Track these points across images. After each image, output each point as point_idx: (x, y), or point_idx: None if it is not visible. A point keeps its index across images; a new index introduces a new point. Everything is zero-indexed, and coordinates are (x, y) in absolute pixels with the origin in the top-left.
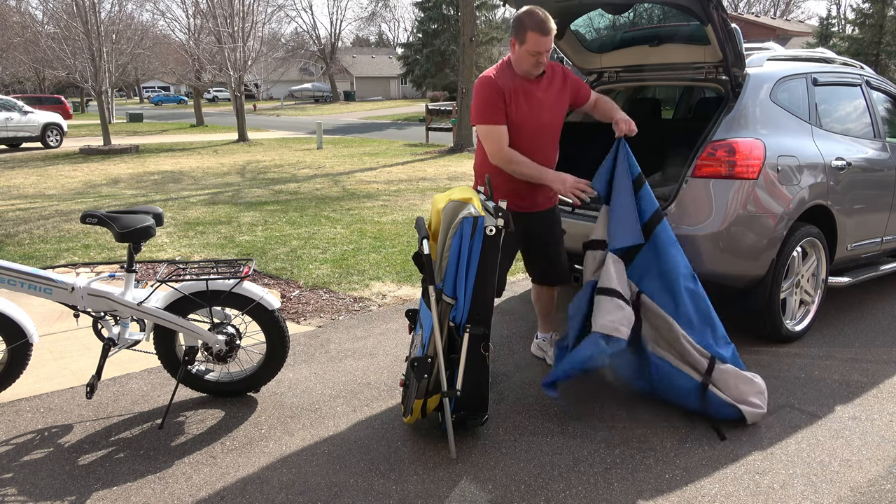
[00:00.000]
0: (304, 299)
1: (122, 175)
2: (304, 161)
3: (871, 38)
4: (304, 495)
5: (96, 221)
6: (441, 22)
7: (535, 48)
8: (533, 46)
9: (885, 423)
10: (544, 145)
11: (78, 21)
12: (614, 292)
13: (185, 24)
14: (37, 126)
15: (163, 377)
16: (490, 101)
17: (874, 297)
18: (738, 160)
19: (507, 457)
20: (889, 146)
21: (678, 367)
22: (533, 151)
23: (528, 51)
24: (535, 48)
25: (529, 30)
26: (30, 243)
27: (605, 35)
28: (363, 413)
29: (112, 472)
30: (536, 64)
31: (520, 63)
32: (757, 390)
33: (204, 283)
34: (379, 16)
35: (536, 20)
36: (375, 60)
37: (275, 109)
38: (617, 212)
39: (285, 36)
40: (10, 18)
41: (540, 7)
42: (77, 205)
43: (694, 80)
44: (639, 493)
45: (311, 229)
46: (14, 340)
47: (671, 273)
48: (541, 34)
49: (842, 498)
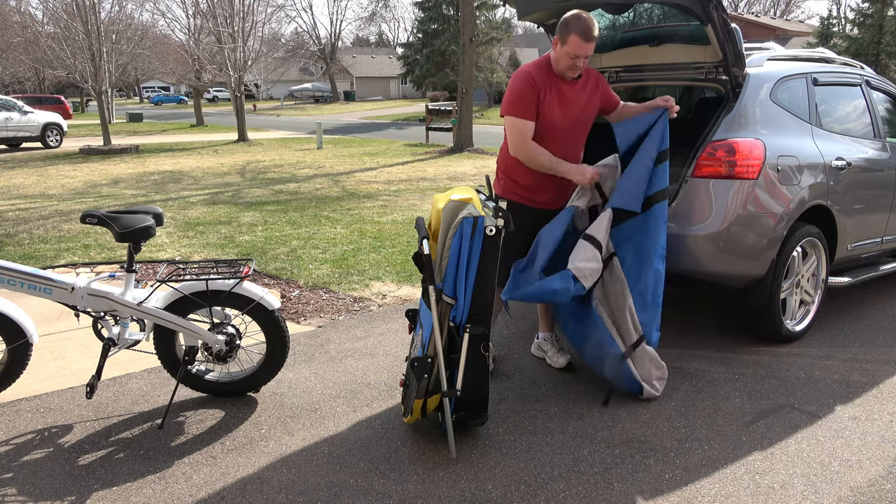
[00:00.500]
0: (304, 299)
1: (122, 175)
2: (304, 161)
3: (871, 38)
4: (304, 495)
5: (96, 221)
6: (441, 22)
7: (574, 51)
8: (573, 49)
9: (885, 423)
10: (571, 144)
11: (78, 21)
12: (597, 244)
13: (185, 24)
14: (37, 126)
15: (163, 377)
16: (523, 95)
17: (874, 297)
18: (738, 160)
19: (507, 457)
20: (889, 146)
21: (610, 333)
22: (560, 149)
23: (568, 53)
24: (575, 51)
25: (573, 32)
26: (30, 243)
27: (605, 35)
28: (363, 413)
29: (112, 472)
30: (573, 67)
31: (558, 62)
32: (661, 376)
33: (204, 283)
34: (379, 16)
35: (582, 25)
36: (375, 60)
37: (275, 109)
38: (630, 175)
39: (285, 36)
40: (10, 18)
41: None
42: (77, 205)
43: (694, 80)
44: (639, 493)
45: (311, 229)
46: (14, 340)
47: (648, 249)
48: (583, 39)
49: (842, 498)
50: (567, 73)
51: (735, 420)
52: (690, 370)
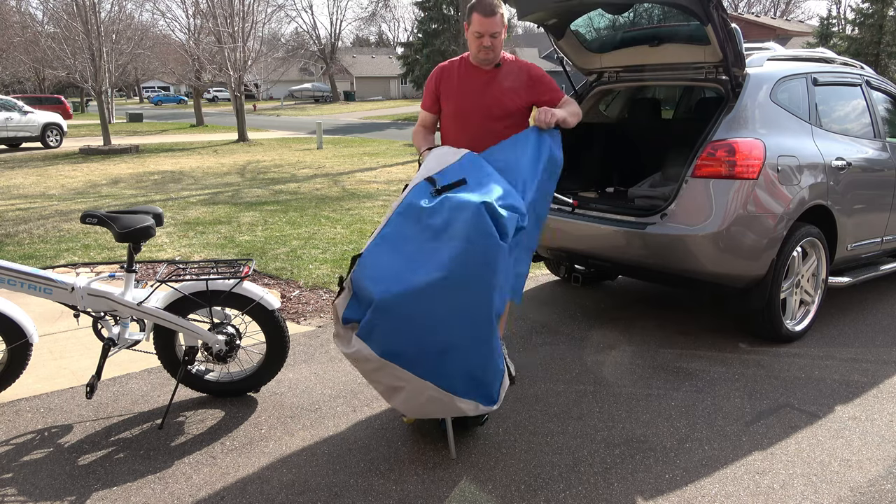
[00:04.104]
0: (304, 299)
1: (122, 175)
2: (304, 161)
3: (871, 38)
4: (304, 495)
5: (96, 221)
6: (441, 22)
7: (477, 28)
8: (476, 27)
9: (885, 423)
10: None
11: (78, 21)
12: None
13: (185, 24)
14: (37, 126)
15: (163, 377)
16: (426, 85)
17: (874, 297)
18: (738, 160)
19: (507, 457)
20: (889, 146)
21: None
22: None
23: (473, 31)
24: (478, 28)
25: (475, 11)
26: (30, 243)
27: (605, 35)
28: (363, 413)
29: (112, 472)
30: (481, 47)
31: (470, 47)
32: None
33: (204, 283)
34: (379, 16)
35: (478, 1)
36: (375, 60)
37: (275, 109)
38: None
39: (285, 36)
40: (10, 18)
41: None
42: (77, 205)
43: (694, 80)
44: (639, 493)
45: (311, 229)
46: (14, 340)
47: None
48: (482, 15)
49: (842, 498)
50: (479, 55)
51: (735, 420)
52: (690, 370)
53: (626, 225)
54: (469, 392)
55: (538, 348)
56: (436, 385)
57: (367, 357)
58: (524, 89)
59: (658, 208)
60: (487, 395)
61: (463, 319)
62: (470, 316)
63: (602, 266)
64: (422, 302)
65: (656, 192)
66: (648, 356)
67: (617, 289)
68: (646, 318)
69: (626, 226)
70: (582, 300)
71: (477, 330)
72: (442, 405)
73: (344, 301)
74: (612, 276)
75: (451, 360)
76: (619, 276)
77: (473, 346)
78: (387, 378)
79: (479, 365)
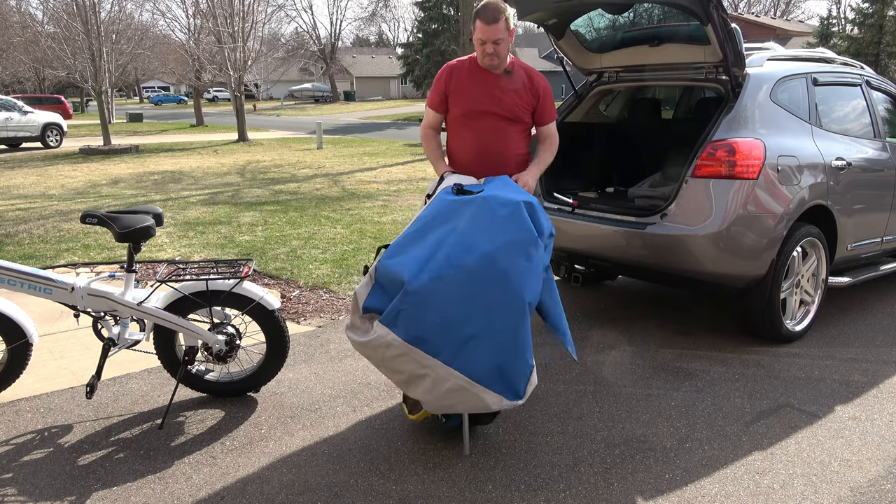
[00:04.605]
0: (304, 299)
1: (122, 175)
2: (304, 161)
3: (871, 38)
4: (304, 495)
5: (96, 221)
6: (441, 22)
7: (479, 35)
8: (479, 34)
9: (885, 423)
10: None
11: (78, 21)
12: None
13: (185, 24)
14: (37, 126)
15: (163, 377)
16: (434, 85)
17: (874, 297)
18: (738, 160)
19: (507, 457)
20: (889, 146)
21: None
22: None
23: (476, 38)
24: (480, 35)
25: (477, 18)
26: (30, 243)
27: (605, 35)
28: (363, 413)
29: (112, 472)
30: (485, 54)
31: (476, 52)
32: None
33: (204, 283)
34: (379, 16)
35: (484, 9)
36: (375, 60)
37: (275, 109)
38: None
39: (285, 36)
40: (10, 18)
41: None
42: (77, 205)
43: (694, 80)
44: (639, 493)
45: (311, 229)
46: (14, 340)
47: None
48: (484, 22)
49: (842, 498)
50: (485, 61)
51: (735, 420)
52: (690, 370)
53: (626, 225)
54: (495, 383)
55: (538, 348)
56: (461, 373)
57: (391, 343)
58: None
59: (658, 208)
60: (514, 389)
61: (495, 309)
62: (503, 306)
63: (602, 266)
64: (454, 288)
65: (656, 192)
66: (648, 356)
67: (617, 289)
68: (646, 318)
69: (626, 226)
70: (582, 300)
71: (509, 319)
72: (465, 395)
73: (365, 290)
74: (612, 276)
75: (479, 348)
76: (619, 276)
77: (504, 335)
78: (410, 365)
79: (508, 356)
